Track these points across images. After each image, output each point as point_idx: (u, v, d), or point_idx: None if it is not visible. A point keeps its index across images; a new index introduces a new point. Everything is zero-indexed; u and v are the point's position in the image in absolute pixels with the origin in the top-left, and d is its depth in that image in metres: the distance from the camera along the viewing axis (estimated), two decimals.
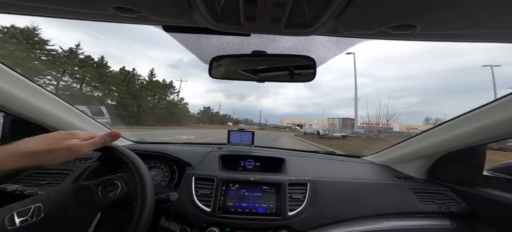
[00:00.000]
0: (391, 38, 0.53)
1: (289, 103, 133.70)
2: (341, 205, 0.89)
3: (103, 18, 0.51)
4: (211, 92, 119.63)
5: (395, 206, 0.91)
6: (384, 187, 0.98)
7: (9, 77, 0.76)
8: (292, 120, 63.74)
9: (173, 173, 1.04)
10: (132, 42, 70.62)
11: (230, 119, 63.12)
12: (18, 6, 0.48)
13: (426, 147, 1.01)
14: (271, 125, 57.64)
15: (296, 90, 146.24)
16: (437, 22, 0.45)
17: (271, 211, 0.83)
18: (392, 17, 0.44)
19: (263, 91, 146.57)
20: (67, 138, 0.53)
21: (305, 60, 0.79)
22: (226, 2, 0.41)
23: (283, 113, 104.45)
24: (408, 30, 0.47)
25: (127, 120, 24.74)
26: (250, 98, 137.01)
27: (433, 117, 58.71)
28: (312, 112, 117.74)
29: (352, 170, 1.11)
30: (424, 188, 0.99)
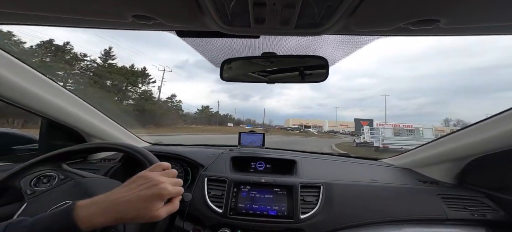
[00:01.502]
0: (409, 34, 0.50)
1: (293, 104, 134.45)
2: (358, 209, 0.85)
3: (122, 27, 0.54)
4: (215, 93, 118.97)
5: (419, 211, 0.85)
6: (407, 191, 0.92)
7: (48, 86, 0.85)
8: (299, 120, 55.61)
9: (187, 174, 1.07)
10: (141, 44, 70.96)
11: (231, 120, 57.10)
12: (40, 18, 0.53)
13: (455, 149, 0.93)
14: (276, 127, 49.06)
15: (300, 91, 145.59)
16: (464, 15, 0.42)
17: (282, 214, 0.82)
18: (413, 12, 0.41)
19: (267, 92, 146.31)
20: (157, 183, 0.44)
21: (317, 60, 0.77)
22: (236, 6, 0.42)
23: (287, 114, 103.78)
24: (430, 25, 0.44)
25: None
26: (254, 98, 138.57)
27: (454, 118, 54.86)
28: (316, 113, 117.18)
29: (369, 173, 1.06)
30: (454, 193, 0.91)
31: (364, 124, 39.57)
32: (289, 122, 55.23)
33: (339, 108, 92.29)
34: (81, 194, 0.55)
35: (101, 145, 0.67)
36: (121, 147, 0.66)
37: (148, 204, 0.41)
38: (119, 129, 1.20)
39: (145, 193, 0.41)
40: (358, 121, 41.06)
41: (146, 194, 0.41)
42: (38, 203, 0.53)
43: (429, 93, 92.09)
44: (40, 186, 0.57)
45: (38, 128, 1.02)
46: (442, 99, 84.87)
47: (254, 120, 64.62)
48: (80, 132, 1.05)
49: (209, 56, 0.82)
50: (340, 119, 54.95)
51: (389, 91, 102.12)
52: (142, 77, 27.70)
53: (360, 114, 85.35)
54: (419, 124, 43.68)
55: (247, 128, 36.60)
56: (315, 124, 52.42)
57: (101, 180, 0.61)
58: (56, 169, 0.63)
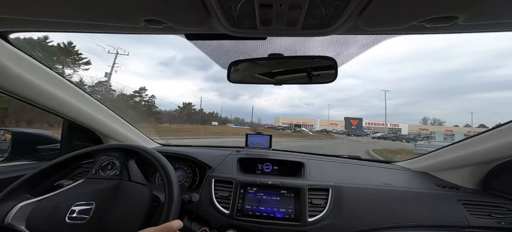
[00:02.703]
0: (423, 33, 0.48)
1: (281, 103, 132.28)
2: (370, 213, 0.82)
3: (134, 31, 0.57)
4: (203, 91, 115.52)
5: (438, 217, 0.81)
6: (424, 196, 0.88)
7: (71, 90, 0.91)
8: (289, 119, 49.93)
9: (195, 175, 1.09)
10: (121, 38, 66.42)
11: (216, 118, 51.37)
12: (54, 24, 0.56)
13: (479, 153, 0.88)
14: (265, 126, 43.80)
15: (289, 91, 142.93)
16: (485, 11, 0.39)
17: (289, 216, 0.81)
18: (429, 9, 0.40)
19: (257, 91, 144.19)
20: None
21: (325, 60, 0.75)
22: (242, 8, 0.42)
23: (276, 113, 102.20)
24: (448, 22, 0.42)
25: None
26: (244, 97, 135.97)
27: (431, 117, 59.21)
28: (304, 112, 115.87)
29: (382, 176, 1.02)
30: (477, 199, 0.86)
31: (353, 123, 37.93)
32: (279, 120, 50.42)
33: (325, 107, 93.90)
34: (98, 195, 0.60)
35: (117, 146, 0.71)
36: (134, 148, 0.69)
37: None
38: (132, 130, 1.25)
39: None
40: (348, 119, 40.57)
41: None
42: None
43: (405, 94, 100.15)
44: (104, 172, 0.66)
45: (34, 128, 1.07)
46: (416, 100, 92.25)
47: (243, 119, 59.03)
48: (97, 133, 1.11)
49: (216, 59, 0.83)
50: (326, 118, 53.09)
51: (371, 92, 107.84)
52: (65, 55, 18.59)
53: (345, 113, 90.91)
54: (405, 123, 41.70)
55: (235, 127, 33.76)
56: (307, 123, 47.83)
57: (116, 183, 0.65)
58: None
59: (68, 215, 0.54)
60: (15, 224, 0.53)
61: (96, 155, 0.69)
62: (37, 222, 0.55)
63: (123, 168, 0.65)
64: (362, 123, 40.33)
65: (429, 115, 63.24)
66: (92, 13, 0.47)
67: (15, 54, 0.71)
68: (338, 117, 59.74)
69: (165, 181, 0.60)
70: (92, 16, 0.48)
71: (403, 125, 44.15)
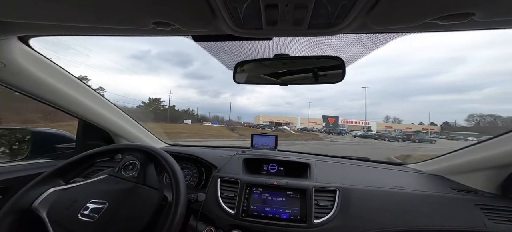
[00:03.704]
0: (436, 30, 0.46)
1: (262, 101, 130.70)
2: (379, 216, 0.80)
3: (143, 33, 0.59)
4: (182, 88, 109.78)
5: (453, 222, 0.78)
6: (439, 199, 0.85)
7: (84, 91, 0.96)
8: (269, 117, 47.69)
9: (201, 175, 1.10)
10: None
11: (191, 116, 46.87)
12: (70, 28, 0.59)
13: (497, 156, 0.83)
14: (245, 124, 41.52)
15: (271, 90, 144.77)
16: (504, 6, 0.37)
17: (295, 217, 0.80)
18: (443, 6, 0.38)
19: (238, 89, 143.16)
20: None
21: (332, 60, 0.74)
22: (248, 9, 0.42)
23: (258, 111, 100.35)
24: (463, 19, 0.40)
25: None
26: (225, 95, 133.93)
27: (391, 116, 66.74)
28: (284, 111, 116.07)
29: (393, 179, 0.99)
30: (495, 204, 0.81)
31: (331, 121, 38.06)
32: (259, 118, 47.74)
33: (304, 107, 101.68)
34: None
35: (127, 146, 0.74)
36: (143, 149, 0.72)
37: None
38: (141, 130, 1.29)
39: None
40: (326, 117, 41.11)
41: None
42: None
43: (371, 95, 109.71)
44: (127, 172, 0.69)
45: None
46: (378, 101, 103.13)
47: (222, 117, 54.39)
48: (109, 133, 1.15)
49: (222, 60, 0.84)
50: (305, 117, 52.05)
51: (343, 93, 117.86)
52: None
53: (322, 112, 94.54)
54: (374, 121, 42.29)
55: (212, 125, 30.86)
56: (287, 121, 46.54)
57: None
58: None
59: (82, 211, 0.57)
60: (39, 209, 0.58)
61: (124, 152, 0.73)
62: (56, 212, 0.58)
63: (141, 171, 0.68)
64: (338, 121, 41.09)
65: (390, 114, 71.84)
66: (106, 17, 0.49)
67: (35, 58, 0.75)
68: (316, 115, 60.77)
69: (173, 182, 0.62)
70: (106, 20, 0.50)
71: (373, 123, 46.25)
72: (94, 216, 0.56)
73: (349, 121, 48.07)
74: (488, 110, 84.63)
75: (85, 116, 1.01)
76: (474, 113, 60.12)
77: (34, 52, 0.75)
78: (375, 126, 43.87)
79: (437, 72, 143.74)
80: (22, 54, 0.71)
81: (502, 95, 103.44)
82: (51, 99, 0.85)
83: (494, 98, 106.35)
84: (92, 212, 0.56)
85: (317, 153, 1.31)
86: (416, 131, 34.99)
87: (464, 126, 52.92)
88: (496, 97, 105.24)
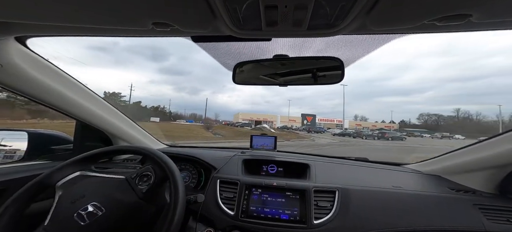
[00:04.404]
0: (434, 31, 0.47)
1: (244, 100, 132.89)
2: (378, 216, 0.80)
3: (142, 34, 0.58)
4: (155, 84, 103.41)
5: (452, 222, 0.78)
6: (437, 200, 0.85)
7: (82, 92, 0.95)
8: (249, 115, 47.46)
9: (200, 176, 1.10)
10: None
11: (162, 113, 43.26)
12: (68, 29, 0.59)
13: (495, 156, 0.84)
14: (223, 122, 38.46)
15: (252, 88, 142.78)
16: (501, 8, 0.38)
17: (295, 218, 0.80)
18: (441, 7, 0.39)
19: (220, 87, 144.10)
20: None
21: (331, 61, 0.74)
22: (247, 9, 0.42)
23: (239, 109, 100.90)
24: (461, 20, 0.41)
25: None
26: (205, 93, 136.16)
27: (359, 114, 74.48)
28: (264, 109, 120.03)
29: (391, 179, 0.99)
30: (494, 204, 0.82)
31: (309, 119, 39.02)
32: (238, 116, 46.91)
33: (283, 105, 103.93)
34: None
35: (126, 148, 0.74)
36: (141, 150, 0.72)
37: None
38: (140, 131, 1.28)
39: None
40: (304, 116, 42.17)
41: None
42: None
43: (341, 95, 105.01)
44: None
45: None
46: (348, 101, 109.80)
47: (201, 115, 49.76)
48: (107, 134, 1.14)
49: (222, 61, 0.84)
50: (285, 115, 52.30)
51: (319, 93, 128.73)
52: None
53: (300, 111, 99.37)
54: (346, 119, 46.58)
55: (186, 124, 27.79)
56: (267, 119, 46.10)
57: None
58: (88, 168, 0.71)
59: (80, 210, 0.55)
60: (58, 191, 0.62)
61: (146, 160, 0.71)
62: (64, 201, 0.59)
63: (152, 189, 0.63)
64: (315, 119, 42.04)
65: (358, 113, 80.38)
66: (105, 17, 0.48)
67: (33, 58, 0.75)
68: (296, 114, 62.05)
69: (171, 184, 0.61)
70: (104, 20, 0.50)
71: (345, 121, 48.75)
72: (85, 220, 0.54)
73: (325, 119, 51.59)
74: (430, 110, 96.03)
75: (83, 117, 1.00)
76: (423, 113, 71.30)
77: (31, 52, 0.74)
78: (347, 124, 46.76)
79: (392, 77, 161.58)
80: (19, 55, 0.70)
81: (439, 98, 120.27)
82: (49, 100, 0.85)
83: (433, 100, 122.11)
84: (87, 215, 0.55)
85: (316, 153, 1.32)
86: (388, 129, 38.09)
87: (416, 124, 64.17)
88: (435, 99, 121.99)
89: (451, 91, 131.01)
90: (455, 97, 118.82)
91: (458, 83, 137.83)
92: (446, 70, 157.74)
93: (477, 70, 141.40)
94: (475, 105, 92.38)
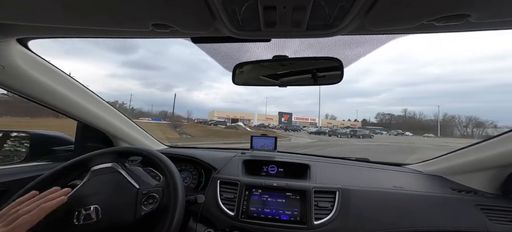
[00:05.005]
0: (432, 32, 0.47)
1: (222, 97, 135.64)
2: (379, 217, 0.80)
3: (142, 35, 0.59)
4: (118, 78, 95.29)
5: (453, 223, 0.78)
6: (439, 200, 0.85)
7: (83, 93, 0.95)
8: (225, 113, 45.72)
9: (200, 176, 1.10)
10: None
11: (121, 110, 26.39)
12: (69, 31, 0.59)
13: (497, 156, 0.84)
14: (195, 120, 34.39)
15: (229, 85, 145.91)
16: (499, 8, 0.38)
17: (295, 219, 0.80)
18: (439, 7, 0.39)
19: (196, 84, 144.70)
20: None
21: (330, 61, 0.74)
22: (246, 11, 0.43)
23: (216, 107, 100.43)
24: (459, 20, 0.41)
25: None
26: (179, 89, 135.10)
27: (330, 113, 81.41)
28: (242, 108, 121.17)
29: (392, 179, 0.99)
30: (496, 204, 0.81)
31: (285, 117, 40.04)
32: (214, 114, 44.96)
33: (260, 104, 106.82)
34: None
35: (127, 149, 0.74)
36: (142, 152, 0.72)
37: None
38: (140, 132, 1.29)
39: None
40: (281, 114, 43.38)
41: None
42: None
43: (314, 96, 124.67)
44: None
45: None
46: (317, 101, 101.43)
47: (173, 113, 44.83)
48: (108, 135, 1.15)
49: (222, 62, 0.84)
50: (263, 113, 52.61)
51: (295, 93, 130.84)
52: None
53: (277, 109, 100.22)
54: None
55: (152, 122, 25.10)
56: (244, 117, 44.78)
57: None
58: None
59: (84, 208, 0.54)
60: (89, 175, 0.63)
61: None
62: (86, 188, 0.60)
63: (151, 214, 0.58)
64: (292, 118, 42.99)
65: (328, 112, 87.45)
66: (106, 19, 0.49)
67: (34, 60, 0.75)
68: (273, 112, 62.24)
69: (170, 185, 0.61)
70: (105, 22, 0.50)
71: (318, 120, 51.65)
72: (80, 221, 0.53)
73: (300, 118, 53.77)
74: (384, 111, 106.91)
75: (84, 118, 1.00)
76: (379, 112, 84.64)
77: (33, 54, 0.75)
78: (320, 122, 49.06)
79: (357, 80, 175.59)
80: (21, 57, 0.71)
81: (391, 100, 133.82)
82: (50, 102, 0.85)
83: (386, 101, 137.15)
84: (84, 216, 0.54)
85: (316, 154, 1.32)
86: (359, 127, 41.22)
87: (374, 122, 74.24)
88: (387, 101, 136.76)
89: (401, 94, 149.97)
90: (403, 99, 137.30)
91: (406, 87, 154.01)
92: (396, 75, 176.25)
93: (418, 76, 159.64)
94: (419, 107, 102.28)
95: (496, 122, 44.12)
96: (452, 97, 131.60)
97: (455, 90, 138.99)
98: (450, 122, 51.53)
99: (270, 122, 41.22)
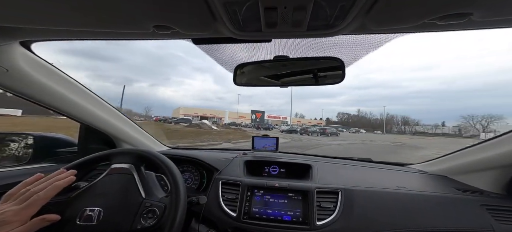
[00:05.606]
0: (434, 30, 0.46)
1: (193, 95, 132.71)
2: (382, 217, 0.79)
3: (143, 37, 0.59)
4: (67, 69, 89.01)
5: (458, 223, 0.77)
6: (443, 200, 0.84)
7: (86, 95, 0.96)
8: (192, 110, 42.24)
9: (202, 177, 1.10)
10: None
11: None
12: (71, 33, 0.60)
13: (503, 155, 0.83)
14: (154, 118, 31.32)
15: (203, 83, 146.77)
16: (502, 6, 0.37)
17: (297, 220, 0.80)
18: (441, 6, 0.38)
19: (162, 79, 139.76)
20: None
21: (332, 61, 0.74)
22: (247, 11, 0.43)
23: (186, 104, 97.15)
24: (461, 19, 0.41)
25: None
26: (141, 84, 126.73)
27: (299, 112, 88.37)
28: (215, 106, 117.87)
29: (395, 179, 0.98)
30: (503, 205, 0.80)
31: (258, 115, 39.81)
32: (179, 111, 40.86)
33: (235, 102, 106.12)
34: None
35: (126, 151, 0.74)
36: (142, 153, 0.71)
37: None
38: (143, 134, 1.30)
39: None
40: (254, 112, 42.93)
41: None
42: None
43: (286, 96, 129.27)
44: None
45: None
46: (289, 100, 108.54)
47: (130, 110, 38.19)
48: (111, 137, 1.15)
49: (223, 63, 0.84)
50: (234, 111, 51.66)
51: (268, 93, 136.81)
52: None
53: (250, 107, 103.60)
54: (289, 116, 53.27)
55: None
56: (214, 115, 42.85)
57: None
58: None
59: (89, 208, 0.55)
60: (109, 170, 0.65)
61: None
62: (100, 185, 0.61)
63: (147, 229, 0.56)
64: (264, 116, 42.91)
65: (297, 111, 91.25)
66: (108, 21, 0.49)
67: (37, 62, 0.76)
68: (246, 110, 61.40)
69: (172, 186, 0.61)
70: (106, 24, 0.51)
71: (289, 119, 53.26)
72: (80, 220, 0.54)
73: (272, 116, 54.95)
74: (343, 111, 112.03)
75: (87, 120, 1.01)
76: (340, 112, 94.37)
77: (36, 57, 0.75)
78: (290, 121, 50.30)
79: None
80: (24, 59, 0.71)
81: (349, 101, 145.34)
82: (54, 104, 0.86)
83: (345, 102, 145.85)
84: (86, 217, 0.54)
85: (318, 154, 1.32)
86: (325, 126, 43.77)
87: (336, 121, 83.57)
88: (346, 102, 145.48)
89: (356, 96, 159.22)
90: (358, 101, 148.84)
91: (361, 90, 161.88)
92: (354, 79, 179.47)
93: (368, 81, 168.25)
94: (369, 107, 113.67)
95: (419, 121, 61.43)
96: (391, 100, 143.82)
97: (393, 94, 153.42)
98: (391, 120, 66.51)
99: (242, 120, 40.17)
